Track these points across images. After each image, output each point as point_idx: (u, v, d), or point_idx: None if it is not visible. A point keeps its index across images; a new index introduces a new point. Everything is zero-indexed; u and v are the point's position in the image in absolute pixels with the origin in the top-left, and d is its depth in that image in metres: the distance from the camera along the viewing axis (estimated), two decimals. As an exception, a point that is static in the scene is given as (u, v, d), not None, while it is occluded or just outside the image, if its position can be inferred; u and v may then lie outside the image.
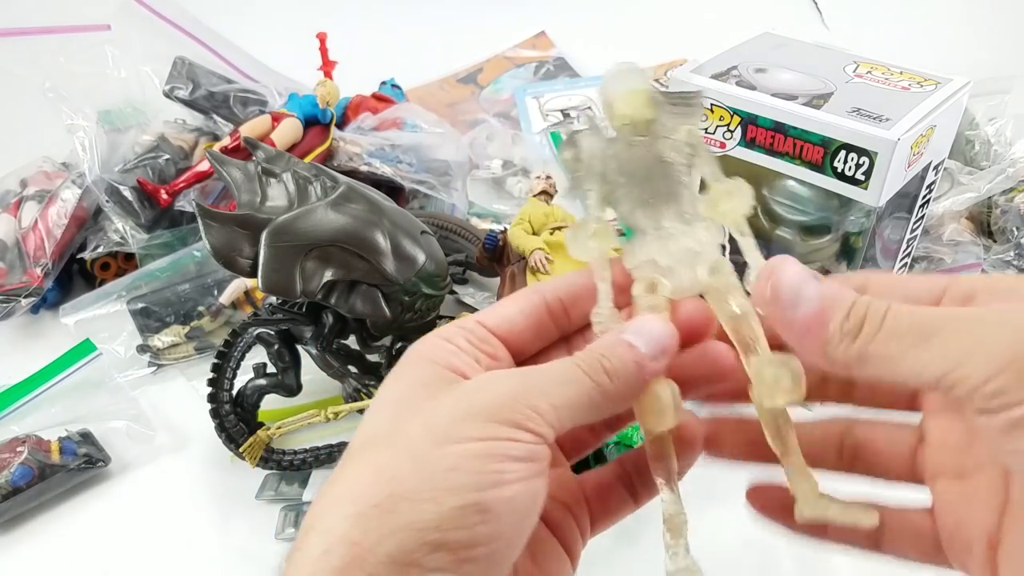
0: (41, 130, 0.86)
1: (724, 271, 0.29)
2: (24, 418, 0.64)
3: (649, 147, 0.30)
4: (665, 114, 0.30)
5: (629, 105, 0.30)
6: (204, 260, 0.76)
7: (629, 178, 0.30)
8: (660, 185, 0.30)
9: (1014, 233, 0.69)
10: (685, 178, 0.30)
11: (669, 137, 0.30)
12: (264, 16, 1.29)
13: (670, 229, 0.29)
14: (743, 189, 0.30)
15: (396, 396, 0.27)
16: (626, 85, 0.30)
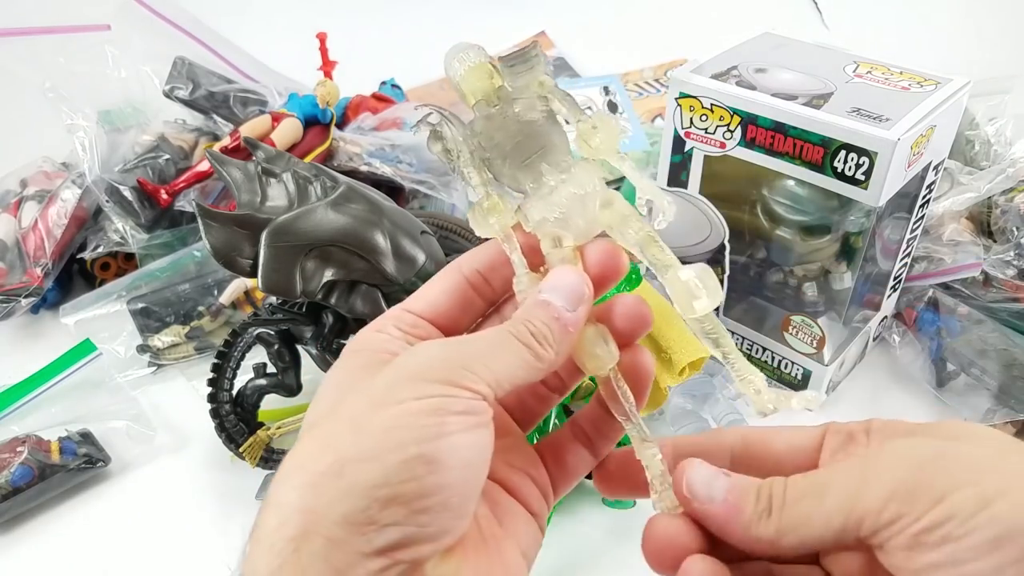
0: (41, 130, 0.86)
1: (615, 204, 0.30)
2: (24, 418, 0.64)
3: (506, 113, 0.30)
4: (510, 77, 0.30)
5: (473, 81, 0.30)
6: (204, 260, 0.76)
7: (499, 148, 0.30)
8: (529, 144, 0.30)
9: (1014, 233, 0.69)
10: (551, 129, 0.31)
11: (521, 97, 0.30)
12: (264, 16, 1.29)
13: (551, 182, 0.30)
14: (606, 120, 0.30)
15: (336, 382, 0.28)
16: (464, 64, 0.30)
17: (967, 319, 0.68)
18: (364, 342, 0.29)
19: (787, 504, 0.25)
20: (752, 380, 0.29)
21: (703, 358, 0.58)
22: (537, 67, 0.30)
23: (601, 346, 0.28)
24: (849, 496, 0.24)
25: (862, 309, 0.69)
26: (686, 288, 0.28)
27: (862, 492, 0.23)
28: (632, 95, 1.10)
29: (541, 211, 0.29)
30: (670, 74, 0.62)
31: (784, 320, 0.66)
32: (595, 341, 0.29)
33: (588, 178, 0.30)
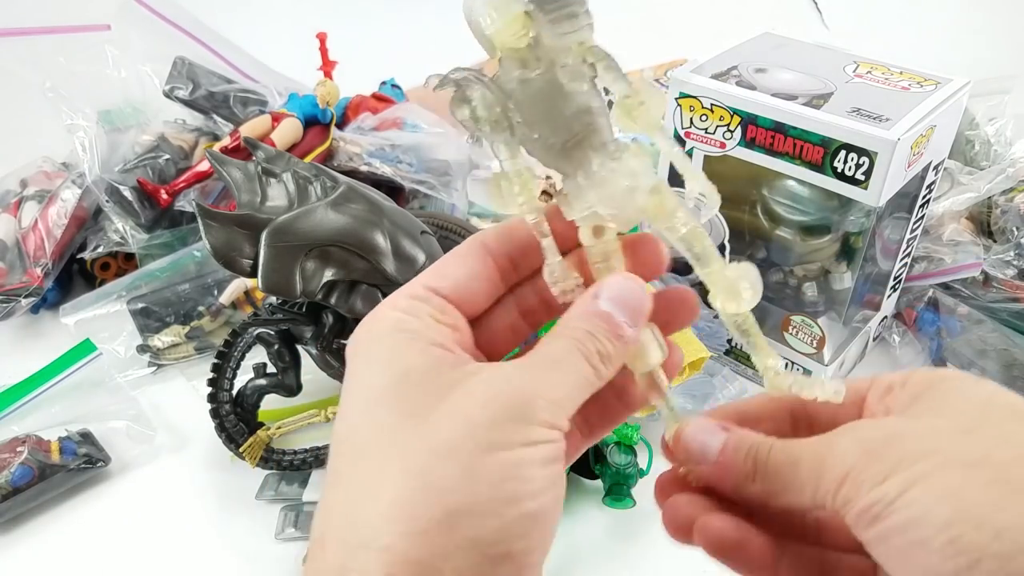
0: (41, 130, 0.86)
1: (663, 192, 0.27)
2: (24, 418, 0.64)
3: (545, 79, 0.26)
4: (547, 31, 0.25)
5: (500, 29, 0.25)
6: (204, 260, 0.76)
7: (537, 124, 0.26)
8: (573, 124, 0.26)
9: (1014, 233, 0.69)
10: (596, 104, 0.26)
11: (564, 62, 0.26)
12: (264, 16, 1.29)
13: (601, 173, 0.27)
14: (653, 92, 0.27)
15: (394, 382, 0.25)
16: (497, 12, 0.25)
17: (967, 319, 0.68)
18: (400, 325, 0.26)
19: (769, 471, 0.26)
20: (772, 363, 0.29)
21: (703, 358, 0.58)
22: (579, 21, 0.26)
23: (654, 348, 0.27)
24: (815, 474, 0.25)
25: (862, 309, 0.69)
26: (731, 285, 0.28)
27: (823, 472, 0.24)
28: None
29: (589, 202, 0.27)
30: (670, 74, 0.62)
31: (784, 320, 0.66)
32: (649, 343, 0.27)
33: (639, 164, 0.27)
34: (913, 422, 0.25)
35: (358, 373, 0.26)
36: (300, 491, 0.60)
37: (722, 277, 0.28)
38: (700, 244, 0.28)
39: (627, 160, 0.27)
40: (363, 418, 0.25)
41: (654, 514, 0.29)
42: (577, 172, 0.27)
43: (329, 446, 0.62)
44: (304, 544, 0.55)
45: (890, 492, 0.22)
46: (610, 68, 0.26)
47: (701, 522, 0.28)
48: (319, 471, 0.62)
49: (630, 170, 0.27)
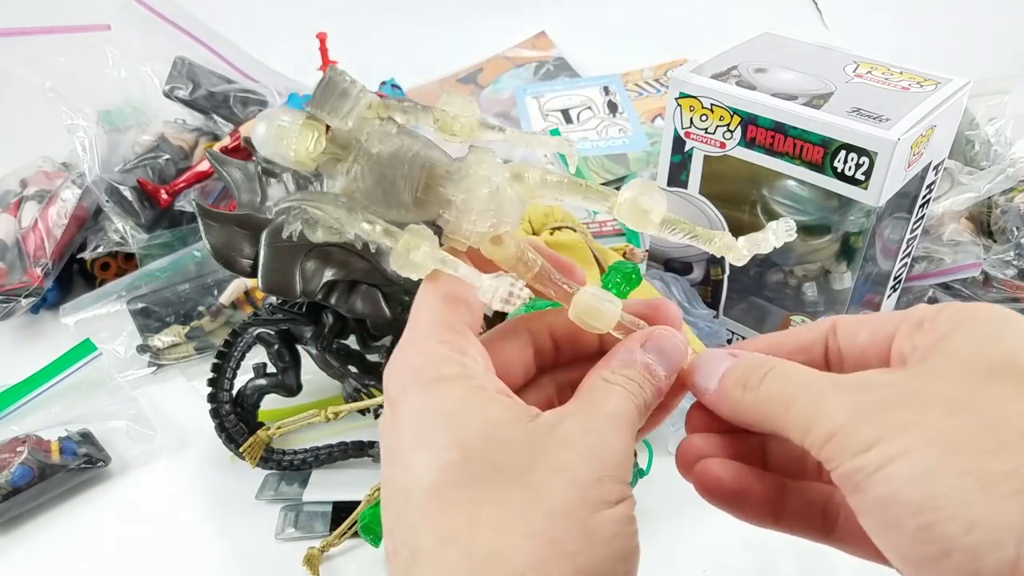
0: (41, 130, 0.86)
1: (524, 173, 0.28)
2: (24, 418, 0.64)
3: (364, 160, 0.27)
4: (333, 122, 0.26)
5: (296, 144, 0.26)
6: (204, 260, 0.76)
7: (385, 197, 0.27)
8: (413, 173, 0.27)
9: (1014, 233, 0.69)
10: (417, 144, 0.27)
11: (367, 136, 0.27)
12: (264, 16, 1.29)
13: (461, 198, 0.27)
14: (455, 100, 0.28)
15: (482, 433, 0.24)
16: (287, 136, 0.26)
17: (967, 319, 0.68)
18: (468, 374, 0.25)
19: (760, 400, 0.26)
20: (722, 239, 0.29)
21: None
22: (352, 92, 0.26)
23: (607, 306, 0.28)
24: (805, 421, 0.24)
25: (862, 309, 0.69)
26: (634, 208, 0.28)
27: (813, 423, 0.24)
28: (632, 95, 1.10)
29: (470, 229, 0.27)
30: (670, 74, 0.62)
31: (784, 320, 0.66)
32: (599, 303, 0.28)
33: (486, 168, 0.27)
34: (912, 383, 0.24)
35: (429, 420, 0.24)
36: (300, 491, 0.60)
37: (623, 204, 0.28)
38: (584, 189, 0.28)
39: (473, 172, 0.27)
40: (452, 472, 0.24)
41: (654, 514, 0.30)
42: (442, 212, 0.27)
43: (329, 446, 0.62)
44: (304, 544, 0.55)
45: (871, 463, 0.22)
46: (405, 110, 0.27)
47: (700, 467, 0.28)
48: (319, 471, 0.62)
49: (481, 178, 0.27)
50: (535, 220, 0.67)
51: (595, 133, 1.02)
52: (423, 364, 0.25)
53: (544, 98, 1.11)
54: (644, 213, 0.28)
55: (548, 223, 0.67)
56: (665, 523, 0.54)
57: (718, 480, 0.28)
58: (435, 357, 0.26)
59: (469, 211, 0.27)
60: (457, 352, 0.26)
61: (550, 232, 0.66)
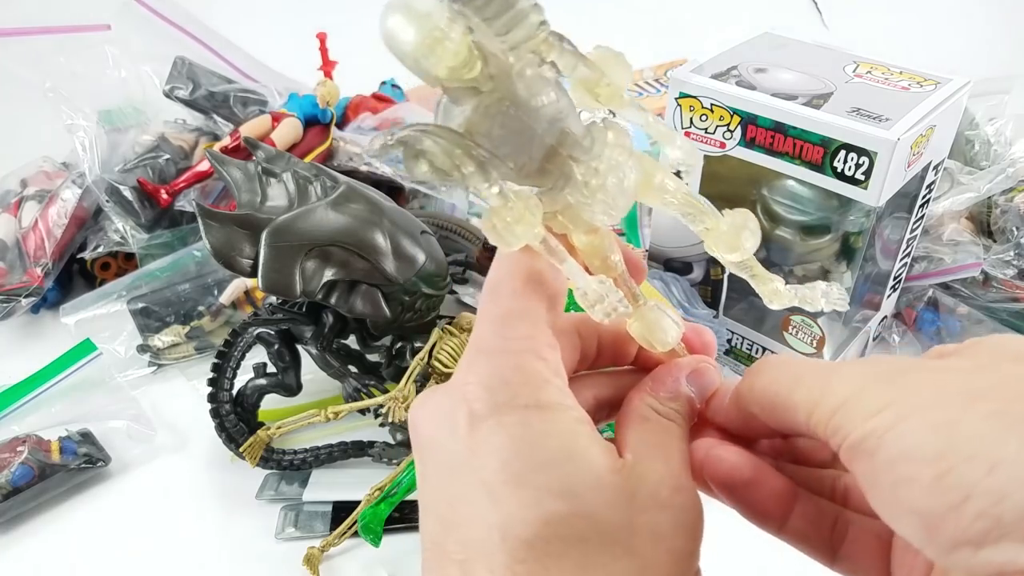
0: (41, 130, 0.86)
1: (648, 170, 0.26)
2: (24, 418, 0.64)
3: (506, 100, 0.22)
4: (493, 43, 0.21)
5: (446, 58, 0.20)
6: (204, 260, 0.76)
7: (508, 151, 0.22)
8: (546, 138, 0.23)
9: (1014, 233, 0.69)
10: (565, 105, 0.23)
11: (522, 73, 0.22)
12: (264, 16, 1.29)
13: (588, 181, 0.24)
14: (614, 59, 0.24)
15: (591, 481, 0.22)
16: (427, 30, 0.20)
17: (967, 319, 0.68)
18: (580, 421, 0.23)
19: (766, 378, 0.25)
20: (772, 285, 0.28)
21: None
22: (532, 17, 0.22)
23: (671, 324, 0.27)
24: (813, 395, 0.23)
25: (862, 309, 0.69)
26: (732, 239, 0.27)
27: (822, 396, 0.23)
28: (632, 95, 1.10)
29: (595, 214, 0.24)
30: (670, 74, 0.62)
31: (784, 320, 0.66)
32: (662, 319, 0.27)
33: (619, 153, 0.24)
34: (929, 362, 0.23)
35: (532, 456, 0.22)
36: (300, 491, 0.60)
37: (720, 232, 0.27)
38: (693, 205, 0.27)
39: (607, 154, 0.24)
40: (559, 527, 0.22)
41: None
42: (559, 184, 0.24)
43: (329, 446, 0.62)
44: (304, 544, 0.55)
45: (883, 424, 0.20)
46: (566, 52, 0.23)
47: (713, 454, 0.26)
48: (319, 471, 0.62)
49: (613, 164, 0.24)
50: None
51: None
52: (522, 383, 0.23)
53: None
54: (734, 250, 0.27)
55: (548, 223, 0.67)
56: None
57: (731, 466, 0.26)
58: (536, 377, 0.23)
59: (593, 196, 0.24)
60: (554, 373, 0.23)
61: (550, 232, 0.66)
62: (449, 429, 0.23)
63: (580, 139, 0.23)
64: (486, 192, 0.22)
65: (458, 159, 0.21)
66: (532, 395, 0.22)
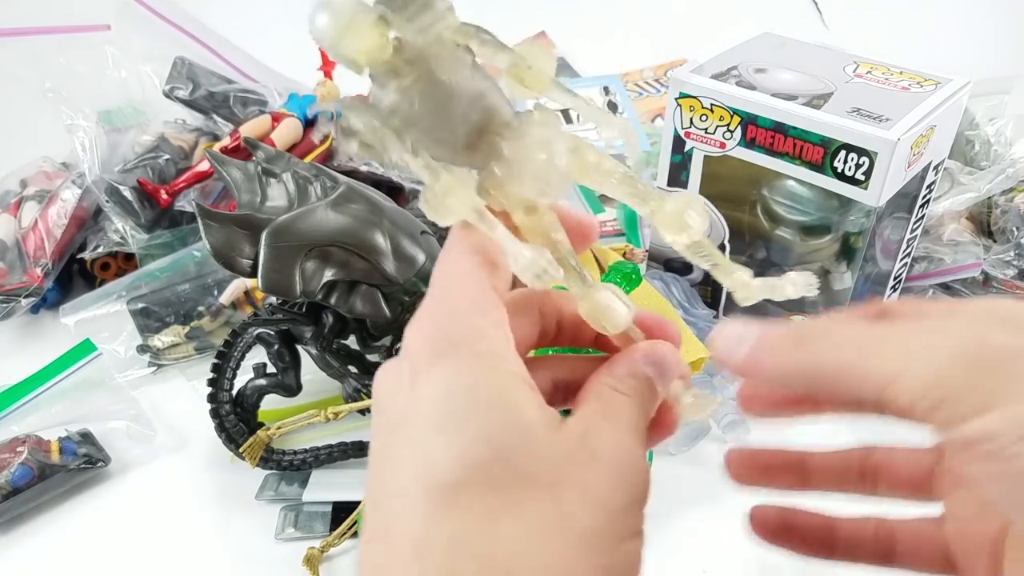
0: (41, 130, 0.86)
1: (582, 149, 0.26)
2: (24, 418, 0.64)
3: (425, 81, 0.24)
4: (407, 31, 0.23)
5: (360, 41, 0.23)
6: (204, 260, 0.76)
7: (433, 128, 0.24)
8: (470, 115, 0.24)
9: (1014, 233, 0.69)
10: (485, 85, 0.25)
11: (437, 54, 0.24)
12: (264, 16, 1.29)
13: (514, 156, 0.25)
14: (536, 49, 0.25)
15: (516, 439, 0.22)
16: (339, 19, 0.23)
17: (967, 319, 0.68)
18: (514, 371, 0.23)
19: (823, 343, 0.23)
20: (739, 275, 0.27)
21: (703, 358, 0.58)
22: (440, 6, 0.23)
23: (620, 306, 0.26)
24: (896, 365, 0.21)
25: (862, 309, 0.69)
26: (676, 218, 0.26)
27: (908, 368, 0.21)
28: (632, 95, 1.10)
29: (516, 190, 0.25)
30: (670, 74, 0.62)
31: (784, 320, 0.66)
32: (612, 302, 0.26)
33: (548, 132, 0.25)
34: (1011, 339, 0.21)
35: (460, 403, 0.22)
36: (300, 491, 0.60)
37: (665, 213, 0.26)
38: (633, 186, 0.27)
39: (534, 132, 0.25)
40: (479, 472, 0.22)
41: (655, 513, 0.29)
42: (490, 162, 0.25)
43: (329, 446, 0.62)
44: (304, 544, 0.55)
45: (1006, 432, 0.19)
46: (485, 42, 0.25)
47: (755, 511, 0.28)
48: (319, 471, 0.61)
49: (541, 140, 0.25)
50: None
51: (595, 133, 1.02)
52: (460, 335, 0.23)
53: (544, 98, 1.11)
54: (680, 230, 0.26)
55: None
56: (665, 523, 0.55)
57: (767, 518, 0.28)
58: (473, 329, 0.23)
59: (521, 171, 0.25)
60: (493, 326, 0.23)
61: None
62: (394, 388, 0.23)
63: (506, 117, 0.25)
64: (413, 165, 0.24)
65: (382, 134, 0.23)
66: (468, 346, 0.23)
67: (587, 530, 0.21)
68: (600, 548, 0.21)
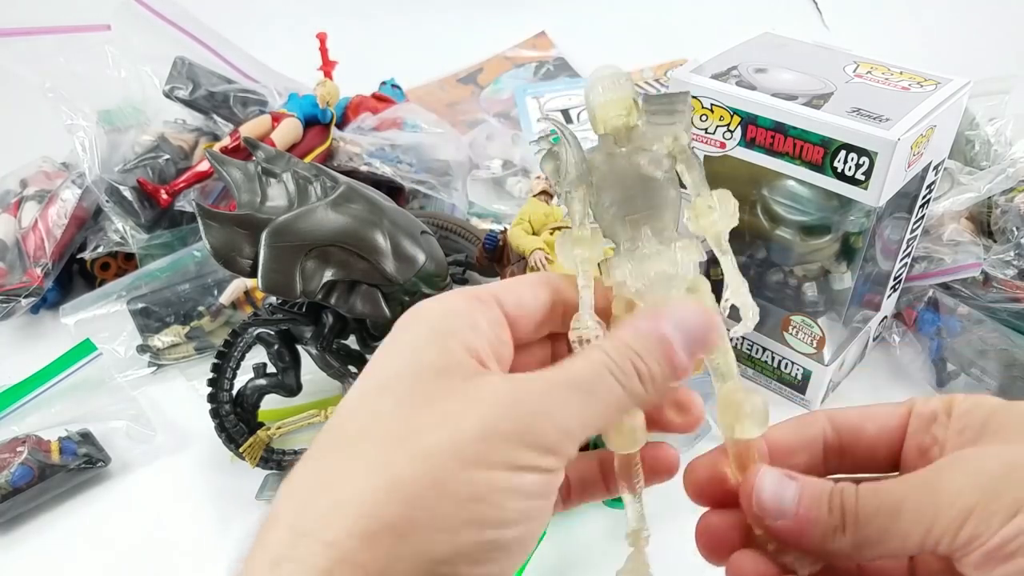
0: (41, 130, 0.86)
1: (701, 293, 0.29)
2: (24, 418, 0.64)
3: (630, 159, 0.28)
4: (647, 123, 0.28)
5: (610, 112, 0.28)
6: (204, 260, 0.76)
7: (610, 190, 0.29)
8: (640, 201, 0.28)
9: (1014, 233, 0.69)
10: (669, 193, 0.29)
11: (649, 149, 0.28)
12: (264, 16, 1.29)
13: (646, 250, 0.28)
14: (726, 203, 0.29)
15: (406, 373, 0.24)
16: (608, 93, 0.28)
17: (967, 319, 0.68)
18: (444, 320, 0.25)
19: (860, 520, 0.24)
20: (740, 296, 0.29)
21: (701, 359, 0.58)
22: (679, 122, 0.29)
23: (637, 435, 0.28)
24: (924, 516, 0.23)
25: (862, 309, 0.69)
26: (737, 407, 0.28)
27: (937, 513, 0.23)
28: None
29: (625, 274, 0.28)
30: (670, 74, 0.62)
31: (784, 320, 0.66)
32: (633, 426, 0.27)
33: (685, 259, 0.29)
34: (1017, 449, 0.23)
35: (383, 352, 0.25)
36: (300, 491, 0.59)
37: (732, 400, 0.28)
38: (724, 359, 0.29)
39: (675, 249, 0.28)
40: (363, 401, 0.24)
41: (655, 514, 0.29)
42: (627, 244, 0.29)
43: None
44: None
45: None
46: (692, 168, 0.29)
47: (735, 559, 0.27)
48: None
49: (673, 259, 0.28)
50: (535, 220, 0.67)
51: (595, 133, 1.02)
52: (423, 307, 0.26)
53: (544, 98, 1.11)
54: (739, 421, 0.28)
55: (548, 223, 0.67)
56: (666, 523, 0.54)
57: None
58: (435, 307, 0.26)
59: (638, 263, 0.28)
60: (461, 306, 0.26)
61: (550, 232, 0.66)
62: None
63: (664, 226, 0.29)
64: (573, 206, 0.28)
65: (574, 170, 0.28)
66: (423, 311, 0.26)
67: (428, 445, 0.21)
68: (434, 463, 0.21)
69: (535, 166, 0.92)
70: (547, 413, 0.23)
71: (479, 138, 0.96)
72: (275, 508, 0.23)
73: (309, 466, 0.23)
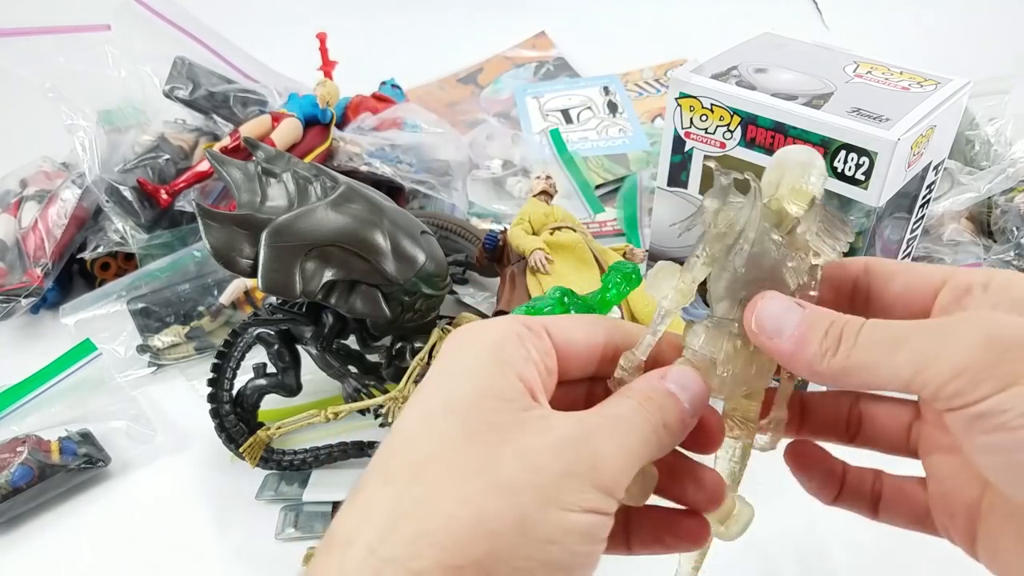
0: (41, 130, 0.86)
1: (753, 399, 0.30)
2: (24, 418, 0.64)
3: (779, 250, 0.28)
4: (815, 233, 0.28)
5: (793, 199, 0.28)
6: (204, 260, 0.76)
7: (720, 259, 0.29)
8: (758, 285, 0.28)
9: (1014, 233, 0.69)
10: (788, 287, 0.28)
11: (803, 256, 0.28)
12: (264, 16, 1.29)
13: (733, 330, 0.29)
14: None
15: (469, 396, 0.24)
16: (801, 179, 0.28)
17: (967, 319, 0.68)
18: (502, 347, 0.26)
19: (857, 347, 0.25)
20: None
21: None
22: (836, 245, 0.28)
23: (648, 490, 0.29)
24: (922, 357, 0.23)
25: (862, 309, 0.69)
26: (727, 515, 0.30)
27: (934, 359, 0.23)
28: (632, 95, 1.10)
29: (702, 342, 0.29)
30: (670, 74, 0.62)
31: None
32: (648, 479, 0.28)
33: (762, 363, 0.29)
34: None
35: (440, 372, 0.26)
36: (300, 491, 0.60)
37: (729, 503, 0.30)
38: (742, 463, 0.31)
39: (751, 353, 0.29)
40: (429, 421, 0.24)
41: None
42: (719, 315, 0.29)
43: (329, 446, 0.62)
44: (304, 544, 0.55)
45: (1014, 406, 0.21)
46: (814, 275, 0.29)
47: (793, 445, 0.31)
48: (319, 471, 0.62)
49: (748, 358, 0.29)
50: (535, 220, 0.67)
51: (595, 133, 1.02)
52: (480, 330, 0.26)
53: (544, 98, 1.11)
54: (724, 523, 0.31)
55: (548, 223, 0.67)
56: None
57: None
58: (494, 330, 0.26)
59: (718, 341, 0.29)
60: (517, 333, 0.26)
61: (550, 232, 0.66)
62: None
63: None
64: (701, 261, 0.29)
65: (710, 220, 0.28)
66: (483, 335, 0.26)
67: (507, 481, 0.22)
68: (515, 501, 0.22)
69: (535, 166, 0.92)
70: (609, 455, 0.24)
71: (479, 138, 0.97)
72: (346, 526, 0.23)
73: (388, 489, 0.23)
